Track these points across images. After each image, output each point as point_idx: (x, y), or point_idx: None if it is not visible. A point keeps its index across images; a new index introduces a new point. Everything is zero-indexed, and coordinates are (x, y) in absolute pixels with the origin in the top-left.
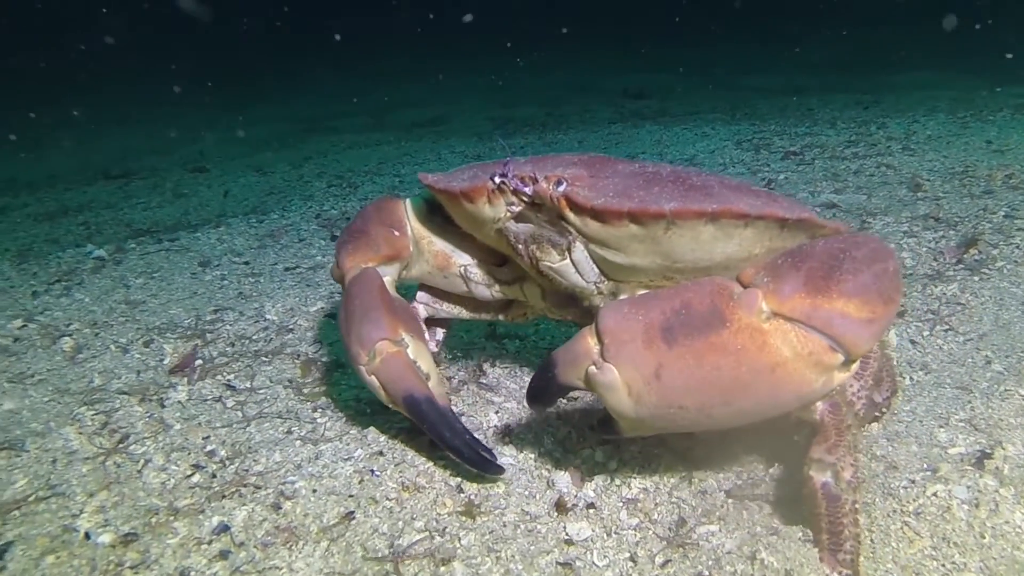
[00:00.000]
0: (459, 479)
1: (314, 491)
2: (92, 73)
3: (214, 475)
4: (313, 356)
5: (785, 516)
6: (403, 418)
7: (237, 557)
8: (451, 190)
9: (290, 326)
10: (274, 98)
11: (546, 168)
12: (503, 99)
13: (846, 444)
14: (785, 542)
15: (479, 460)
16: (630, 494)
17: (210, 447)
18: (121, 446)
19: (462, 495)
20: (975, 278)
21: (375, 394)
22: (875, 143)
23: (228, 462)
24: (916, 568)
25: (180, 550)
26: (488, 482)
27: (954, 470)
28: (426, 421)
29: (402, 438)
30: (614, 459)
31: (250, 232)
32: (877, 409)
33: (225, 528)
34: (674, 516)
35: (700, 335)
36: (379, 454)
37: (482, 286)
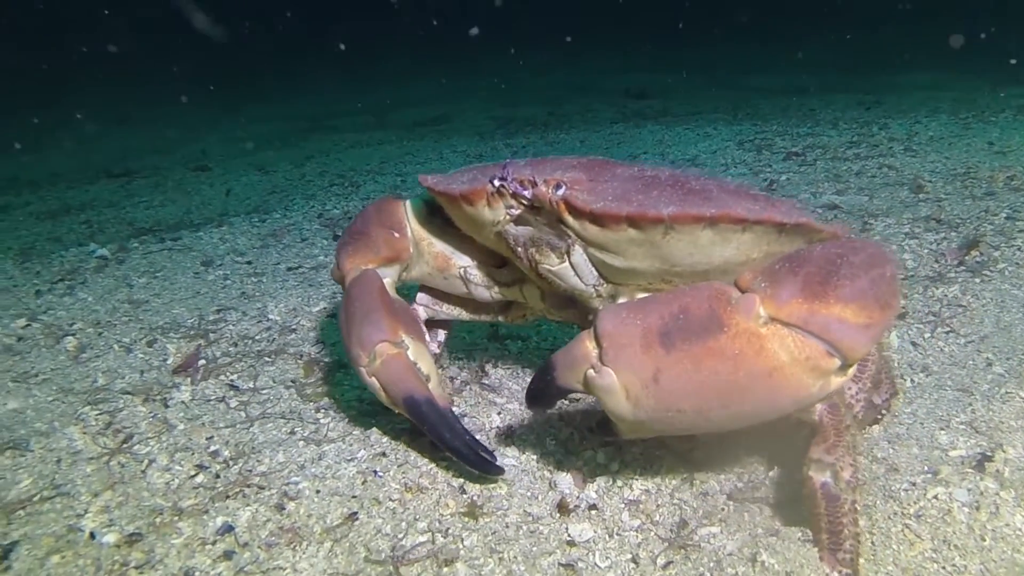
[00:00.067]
0: (462, 480)
1: (317, 492)
2: (94, 72)
3: (218, 475)
4: (316, 356)
5: (785, 518)
6: (405, 419)
7: (241, 557)
8: (451, 193)
9: (293, 326)
10: (276, 97)
11: (545, 171)
12: (505, 98)
13: (845, 444)
14: (785, 544)
15: (479, 461)
16: (632, 495)
17: (214, 447)
18: (125, 446)
19: (465, 496)
20: (976, 280)
21: (376, 395)
22: (877, 144)
23: (232, 462)
24: (917, 570)
25: (184, 550)
26: (490, 483)
27: (955, 473)
28: (426, 422)
29: (405, 439)
30: (616, 461)
31: (252, 231)
32: (877, 411)
33: (229, 528)
34: (676, 518)
35: (698, 340)
36: (382, 455)
37: (482, 288)
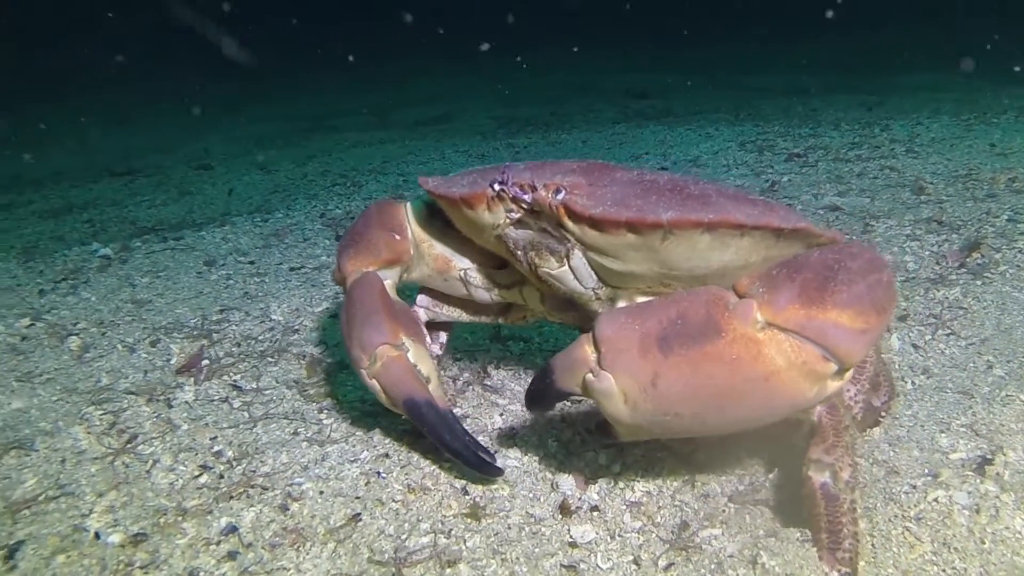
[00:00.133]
0: (464, 481)
1: (321, 493)
2: (96, 70)
3: (221, 476)
4: (318, 357)
5: (786, 520)
6: (407, 419)
7: (245, 558)
8: (451, 196)
9: (295, 327)
10: (277, 96)
11: (545, 176)
12: (506, 98)
13: (844, 445)
14: (786, 546)
15: (478, 462)
16: (633, 497)
17: (217, 448)
18: (129, 446)
19: (467, 497)
20: (977, 282)
21: (376, 397)
22: (879, 145)
23: (235, 463)
24: (917, 573)
25: (189, 550)
26: (492, 484)
27: (955, 475)
28: (426, 424)
29: (407, 440)
30: (617, 462)
31: (255, 231)
32: (876, 413)
33: (233, 529)
34: (677, 519)
35: (695, 345)
36: (385, 456)
37: (482, 290)
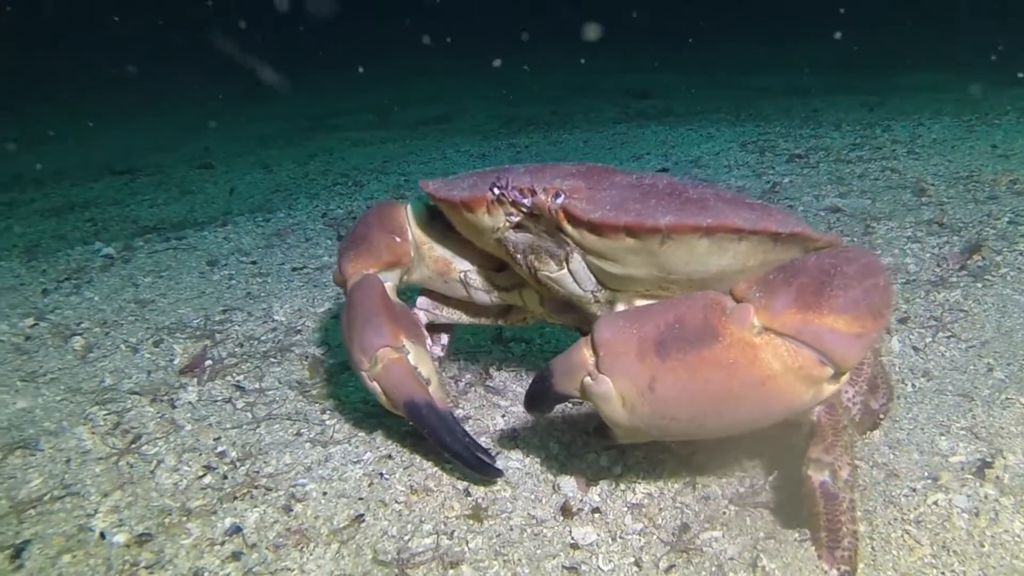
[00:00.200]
0: (466, 483)
1: (324, 493)
2: (96, 71)
3: (225, 476)
4: (321, 357)
5: (786, 523)
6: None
7: (249, 558)
8: (451, 199)
9: (298, 327)
10: (279, 95)
11: (544, 179)
12: (507, 97)
13: (843, 444)
14: (786, 548)
15: (477, 463)
16: (635, 499)
17: (221, 448)
18: (133, 446)
19: (469, 498)
20: (978, 285)
21: (377, 399)
22: (880, 146)
23: (239, 463)
24: None
25: (193, 551)
26: (494, 486)
27: (955, 479)
28: (426, 426)
29: (410, 441)
30: (619, 464)
31: (257, 231)
32: (875, 416)
33: (237, 529)
34: (678, 521)
35: (693, 349)
36: (388, 457)
37: (481, 292)
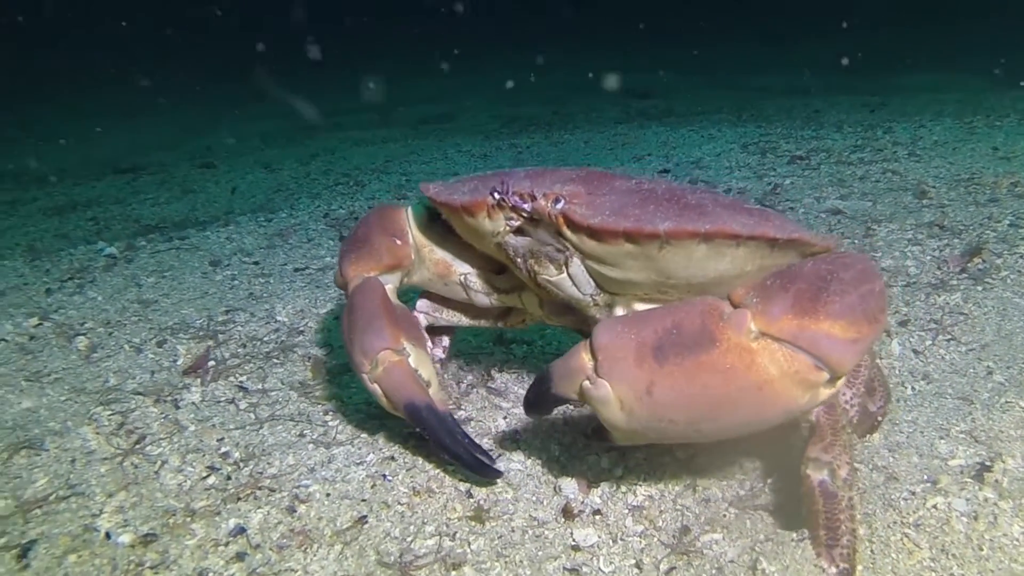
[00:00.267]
0: (468, 484)
1: (328, 495)
2: (96, 71)
3: (229, 477)
4: (323, 358)
5: (785, 526)
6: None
7: (253, 559)
8: (452, 204)
9: (300, 328)
10: (281, 94)
11: (544, 184)
12: (508, 97)
13: (841, 443)
14: (785, 551)
15: (477, 464)
16: (635, 501)
17: (224, 449)
18: (138, 447)
19: (471, 500)
20: (978, 288)
21: (378, 401)
22: (881, 148)
23: (242, 464)
24: None
25: (198, 551)
26: (496, 487)
27: (954, 482)
28: (426, 428)
29: (412, 442)
30: (620, 466)
31: (259, 231)
32: (873, 418)
33: (241, 530)
34: (678, 524)
35: (690, 354)
36: (390, 459)
37: (481, 294)
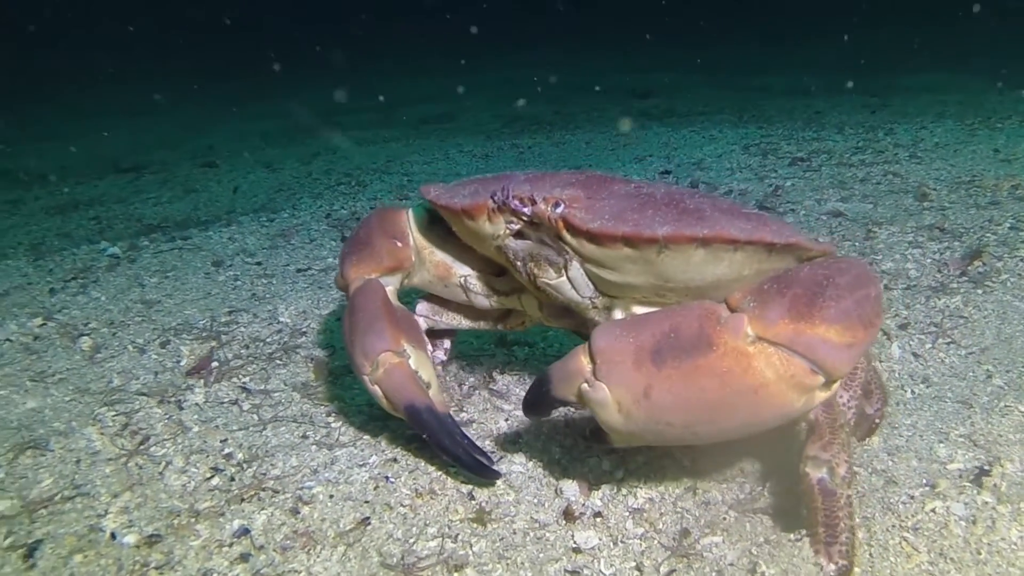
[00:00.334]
0: (470, 486)
1: (331, 496)
2: (96, 71)
3: (232, 478)
4: (325, 360)
5: (785, 529)
6: None
7: (257, 560)
8: (452, 207)
9: (303, 329)
10: (282, 93)
11: (544, 188)
12: (510, 97)
13: (840, 442)
14: (784, 554)
15: (476, 465)
16: (636, 504)
17: (228, 450)
18: (142, 447)
19: (473, 502)
20: (978, 291)
21: (378, 402)
22: (882, 150)
23: (246, 465)
24: None
25: (202, 552)
26: (496, 489)
27: (952, 486)
28: (426, 429)
29: (415, 444)
30: (620, 468)
31: (261, 231)
32: (870, 421)
33: (245, 531)
34: (678, 526)
35: (688, 358)
36: (393, 461)
37: (481, 296)
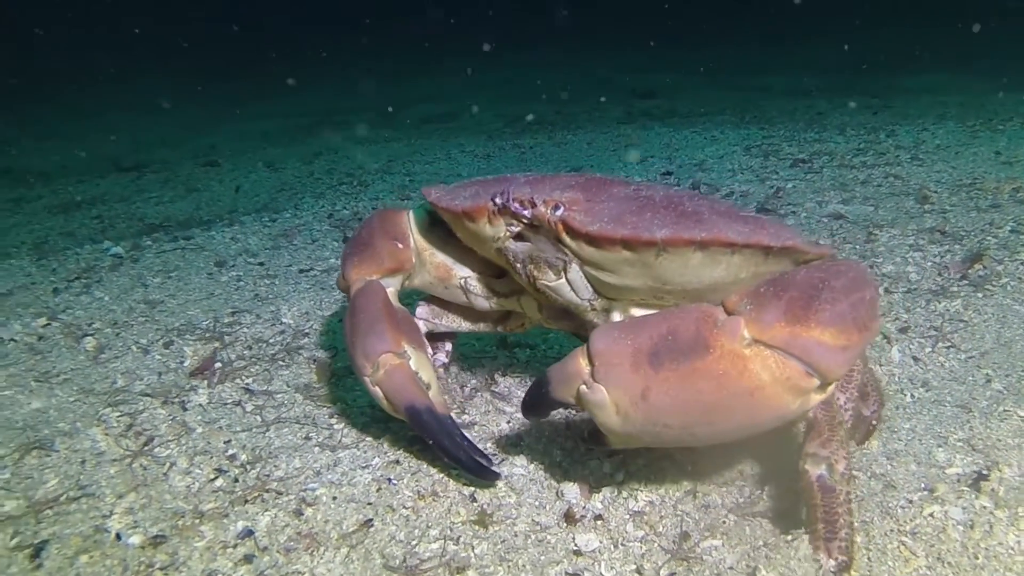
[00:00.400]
0: (472, 488)
1: (334, 498)
2: (96, 71)
3: (236, 480)
4: (328, 361)
5: (784, 532)
6: None
7: (261, 561)
8: (453, 209)
9: (305, 330)
10: (283, 93)
11: (544, 191)
12: (512, 97)
13: (839, 439)
14: (784, 558)
15: (476, 467)
16: (636, 506)
17: (231, 451)
18: (146, 448)
19: (475, 504)
20: (979, 294)
21: (379, 403)
22: (884, 152)
23: (249, 466)
24: None
25: (207, 553)
26: (498, 491)
27: (951, 491)
28: (427, 430)
29: (417, 446)
30: (621, 471)
31: (263, 231)
32: (867, 423)
33: (249, 532)
34: (678, 530)
35: (685, 360)
36: (395, 463)
37: (481, 298)
